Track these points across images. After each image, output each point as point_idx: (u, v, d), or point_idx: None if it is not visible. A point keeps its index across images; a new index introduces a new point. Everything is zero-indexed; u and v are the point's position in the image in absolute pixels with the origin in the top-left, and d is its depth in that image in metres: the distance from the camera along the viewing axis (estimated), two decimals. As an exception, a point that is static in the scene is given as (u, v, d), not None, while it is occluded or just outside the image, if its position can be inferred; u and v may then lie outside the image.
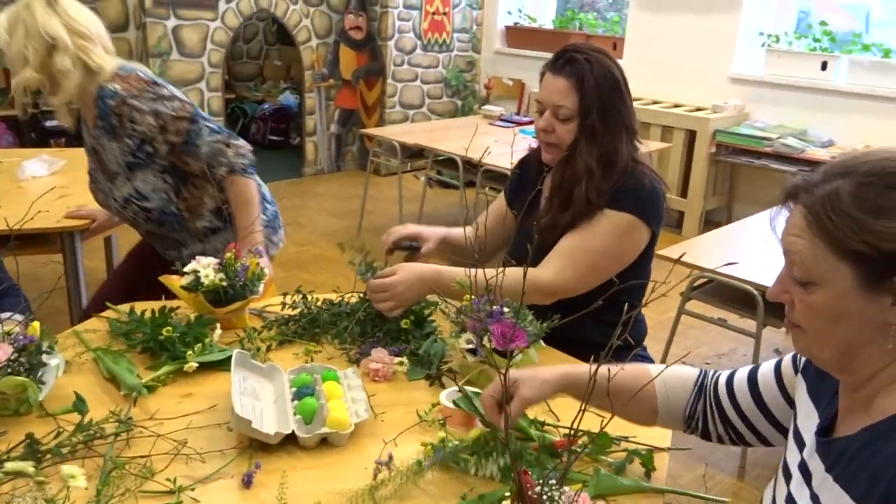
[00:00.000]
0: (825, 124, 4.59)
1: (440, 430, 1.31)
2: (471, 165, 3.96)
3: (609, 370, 1.09)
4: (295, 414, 1.30)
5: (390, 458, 1.18)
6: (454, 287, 1.56)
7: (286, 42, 7.12)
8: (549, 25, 6.28)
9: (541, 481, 0.91)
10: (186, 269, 1.65)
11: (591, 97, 1.62)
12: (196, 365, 1.47)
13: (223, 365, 1.50)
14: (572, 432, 0.94)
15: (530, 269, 1.62)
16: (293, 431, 1.25)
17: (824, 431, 0.96)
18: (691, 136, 4.80)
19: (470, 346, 1.46)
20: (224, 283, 1.62)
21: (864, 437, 0.86)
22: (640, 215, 1.64)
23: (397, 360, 1.52)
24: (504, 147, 4.11)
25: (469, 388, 1.35)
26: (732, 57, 4.92)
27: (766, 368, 1.16)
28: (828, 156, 4.29)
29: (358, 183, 5.82)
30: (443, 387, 1.48)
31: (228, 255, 1.65)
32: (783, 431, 1.12)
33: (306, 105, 5.86)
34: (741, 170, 4.94)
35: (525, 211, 1.58)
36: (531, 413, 1.32)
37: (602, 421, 0.95)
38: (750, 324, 2.39)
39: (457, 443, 1.25)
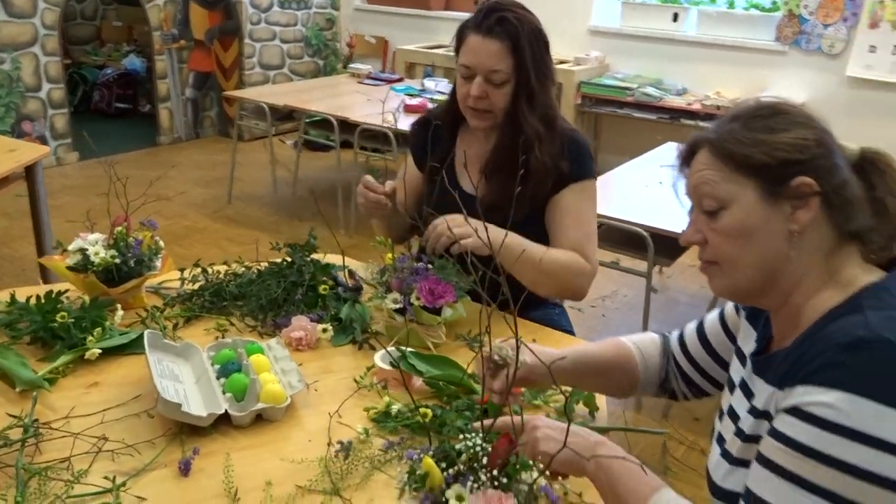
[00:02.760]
0: (679, 73, 4.83)
1: (381, 394, 1.27)
2: (346, 126, 3.84)
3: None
4: (224, 392, 1.21)
5: (350, 443, 1.12)
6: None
7: (125, 1, 6.59)
8: (408, -20, 6.18)
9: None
10: (70, 247, 1.49)
11: (527, 59, 1.54)
12: (99, 352, 1.33)
13: (127, 349, 1.37)
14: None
15: (578, 258, 1.56)
16: (226, 411, 1.17)
17: (760, 352, 1.03)
18: (557, 88, 4.91)
19: (397, 306, 1.42)
20: (117, 260, 1.48)
21: (796, 343, 0.92)
22: (594, 175, 1.66)
23: (320, 326, 1.45)
24: (378, 106, 4.05)
25: (404, 348, 1.31)
26: (591, 10, 5.06)
27: (712, 318, 1.21)
28: (683, 103, 4.54)
29: (220, 150, 5.54)
30: (373, 349, 1.44)
31: (119, 228, 1.51)
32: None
33: (157, 69, 5.46)
34: (604, 120, 5.13)
35: (441, 178, 1.50)
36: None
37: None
38: (640, 264, 2.49)
39: (401, 405, 1.21)
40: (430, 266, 1.43)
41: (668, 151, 3.25)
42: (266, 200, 4.52)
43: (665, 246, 2.38)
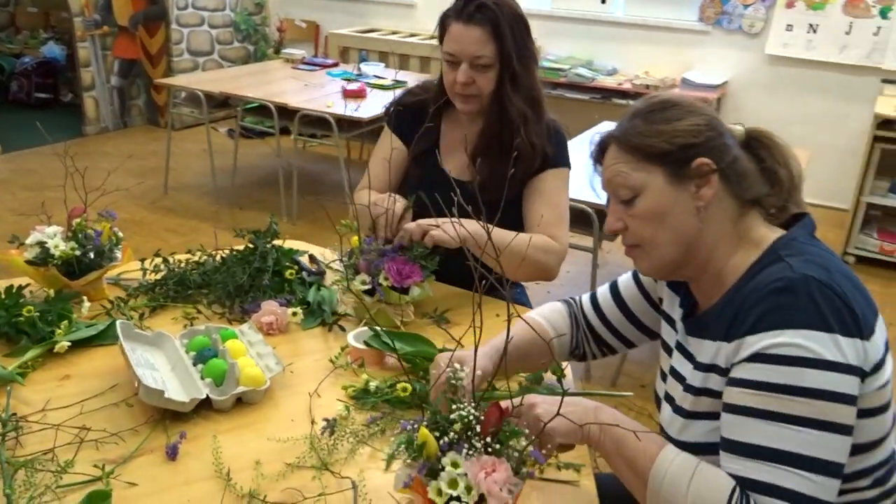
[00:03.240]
0: (609, 54, 4.96)
1: (357, 372, 1.31)
2: (284, 112, 3.81)
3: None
4: (202, 378, 1.23)
5: (334, 420, 1.15)
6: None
7: (40, -14, 6.32)
8: (337, -37, 6.12)
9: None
10: (28, 241, 1.47)
11: (509, 43, 1.58)
12: (68, 344, 1.33)
13: (95, 340, 1.37)
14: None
15: (547, 239, 1.61)
16: (207, 396, 1.19)
17: (688, 316, 1.13)
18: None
19: (366, 287, 1.46)
20: (77, 252, 1.47)
21: (724, 299, 1.03)
22: (570, 164, 1.73)
23: (290, 310, 1.47)
24: (317, 90, 4.03)
25: (375, 328, 1.35)
26: (521, -8, 5.13)
27: (625, 279, 1.30)
28: (615, 83, 4.67)
29: (150, 139, 5.40)
30: (342, 331, 1.47)
31: (78, 220, 1.49)
32: (647, 332, 1.29)
33: (80, 57, 5.27)
34: (538, 101, 5.21)
35: (426, 160, 1.56)
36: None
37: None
38: (584, 240, 2.58)
39: (378, 382, 1.26)
40: (400, 250, 1.46)
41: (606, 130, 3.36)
42: (205, 190, 4.44)
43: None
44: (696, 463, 0.94)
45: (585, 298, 1.34)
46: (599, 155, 1.12)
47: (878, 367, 0.95)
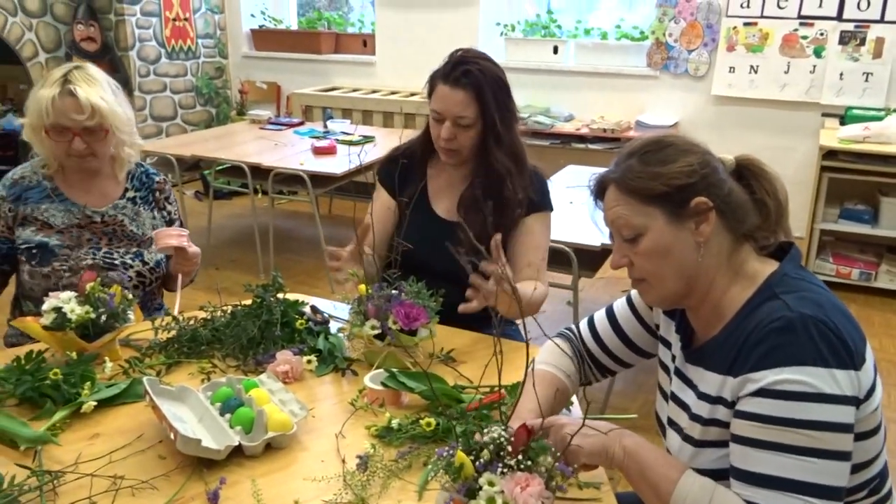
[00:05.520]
0: (564, 101, 5.17)
1: (376, 412, 1.38)
2: (256, 172, 3.88)
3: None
4: (231, 426, 1.28)
5: (367, 457, 1.21)
6: (350, 277, 1.60)
7: (-4, 59, 6.32)
8: (294, 26, 6.29)
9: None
10: (44, 307, 1.51)
11: (491, 105, 1.74)
12: (94, 404, 1.37)
13: (119, 399, 1.42)
14: (498, 387, 1.11)
15: (538, 283, 1.71)
16: (239, 444, 1.24)
17: (688, 346, 1.20)
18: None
19: (376, 332, 1.53)
20: (92, 315, 1.51)
21: (725, 331, 1.11)
22: (552, 208, 1.87)
23: (305, 358, 1.54)
24: (287, 149, 4.12)
25: (392, 369, 1.43)
26: (476, 46, 5.33)
27: (620, 305, 1.39)
28: (572, 128, 4.86)
29: (117, 205, 5.40)
30: (354, 375, 1.54)
31: (91, 284, 1.54)
32: (643, 354, 1.37)
33: (42, 127, 5.28)
34: (499, 149, 5.38)
35: (416, 205, 1.71)
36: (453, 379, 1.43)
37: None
38: (564, 278, 2.69)
39: (399, 420, 1.32)
40: (403, 293, 1.55)
41: (572, 174, 3.51)
42: (176, 252, 4.46)
43: (584, 260, 2.59)
44: (714, 487, 1.03)
45: (584, 327, 1.41)
46: (600, 193, 1.19)
47: (871, 392, 1.04)
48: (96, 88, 1.81)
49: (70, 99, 1.77)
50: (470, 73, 1.73)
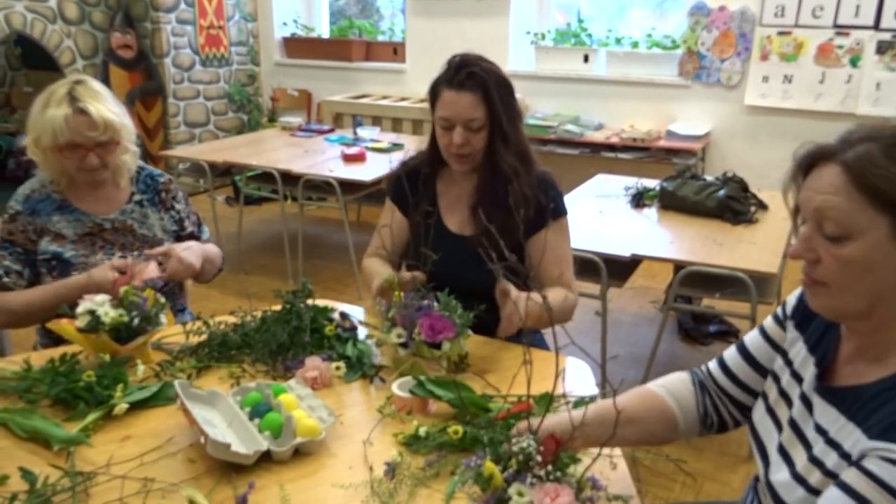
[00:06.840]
0: (594, 109, 5.15)
1: (404, 420, 1.37)
2: (287, 178, 3.92)
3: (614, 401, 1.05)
4: (260, 431, 1.29)
5: (394, 464, 1.21)
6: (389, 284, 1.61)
7: (34, 66, 6.46)
8: (326, 34, 6.35)
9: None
10: (79, 310, 1.54)
11: (498, 105, 1.73)
12: (126, 406, 1.38)
13: (150, 402, 1.43)
14: (526, 397, 1.08)
15: (567, 292, 1.75)
16: (268, 448, 1.25)
17: (824, 374, 1.05)
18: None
19: (401, 341, 1.53)
20: (125, 319, 1.54)
21: (882, 385, 0.95)
22: (566, 210, 1.87)
23: (333, 364, 1.54)
24: (317, 156, 4.16)
25: (420, 377, 1.42)
26: (507, 55, 5.34)
27: (752, 336, 1.23)
28: (602, 137, 4.83)
29: (149, 210, 5.48)
30: (382, 382, 1.54)
31: (126, 287, 1.56)
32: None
33: (78, 132, 5.38)
34: (528, 157, 5.37)
35: (425, 217, 1.72)
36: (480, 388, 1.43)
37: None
38: (593, 287, 2.67)
39: (427, 428, 1.32)
40: (435, 304, 1.54)
41: (602, 183, 3.49)
42: (206, 257, 4.52)
43: (613, 270, 2.58)
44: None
45: (713, 363, 1.27)
46: (808, 167, 0.98)
47: None
48: (105, 103, 1.85)
49: (84, 117, 1.79)
50: (474, 75, 1.73)
